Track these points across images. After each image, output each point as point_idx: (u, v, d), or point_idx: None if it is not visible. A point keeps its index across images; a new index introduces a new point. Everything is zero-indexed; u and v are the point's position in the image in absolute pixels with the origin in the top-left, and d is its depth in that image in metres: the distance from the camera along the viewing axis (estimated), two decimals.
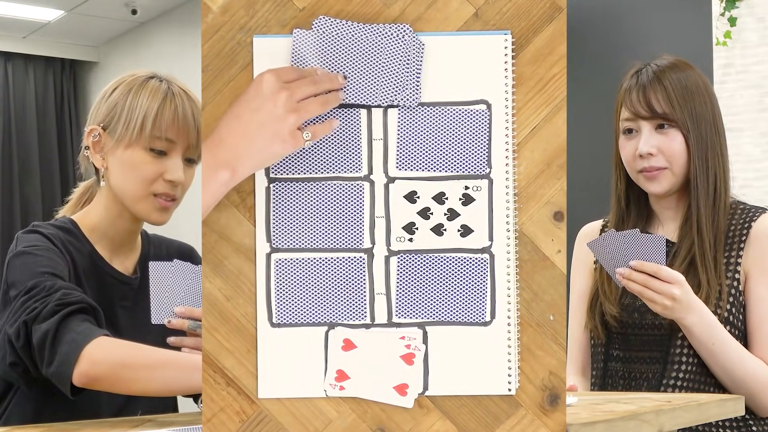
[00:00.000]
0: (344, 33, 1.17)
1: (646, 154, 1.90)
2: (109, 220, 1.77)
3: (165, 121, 1.70)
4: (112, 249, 1.79)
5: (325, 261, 1.17)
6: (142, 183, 1.71)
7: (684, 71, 1.93)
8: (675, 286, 1.73)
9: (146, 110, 1.70)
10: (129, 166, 1.71)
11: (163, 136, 1.70)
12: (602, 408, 1.43)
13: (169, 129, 1.70)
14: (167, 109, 1.70)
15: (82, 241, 1.75)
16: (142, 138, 1.70)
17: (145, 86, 1.73)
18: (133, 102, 1.72)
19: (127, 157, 1.71)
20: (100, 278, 1.75)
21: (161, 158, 1.71)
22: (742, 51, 4.01)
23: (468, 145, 1.17)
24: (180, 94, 1.74)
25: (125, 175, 1.72)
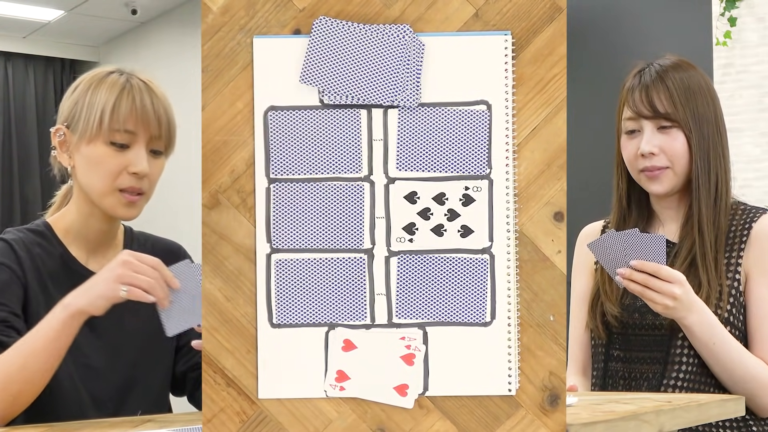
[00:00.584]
0: (344, 34, 1.17)
1: (648, 154, 1.90)
2: (82, 220, 1.77)
3: (123, 113, 1.70)
4: (88, 249, 1.78)
5: (325, 261, 1.17)
6: (106, 178, 1.71)
7: (687, 71, 1.93)
8: (676, 286, 1.73)
9: (104, 104, 1.70)
10: (92, 161, 1.71)
11: (122, 128, 1.70)
12: (602, 408, 1.43)
13: (128, 120, 1.70)
14: (124, 101, 1.70)
15: (53, 243, 1.75)
16: (102, 132, 1.70)
17: (104, 81, 1.74)
18: (92, 98, 1.72)
19: (89, 153, 1.72)
20: (73, 280, 1.70)
21: (124, 151, 1.71)
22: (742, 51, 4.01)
23: (468, 145, 1.17)
24: (139, 86, 1.73)
25: (89, 171, 1.72)
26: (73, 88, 1.78)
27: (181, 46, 6.80)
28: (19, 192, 7.56)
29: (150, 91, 1.74)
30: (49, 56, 7.77)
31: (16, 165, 7.55)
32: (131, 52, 7.40)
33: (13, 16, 6.98)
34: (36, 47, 7.65)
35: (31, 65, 7.74)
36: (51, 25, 7.21)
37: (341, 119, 1.17)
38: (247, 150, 1.17)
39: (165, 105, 1.76)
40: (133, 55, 7.35)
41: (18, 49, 7.60)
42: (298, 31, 1.17)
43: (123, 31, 7.43)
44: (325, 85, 1.17)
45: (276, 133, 1.17)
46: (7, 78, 7.61)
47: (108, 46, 7.72)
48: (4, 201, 7.49)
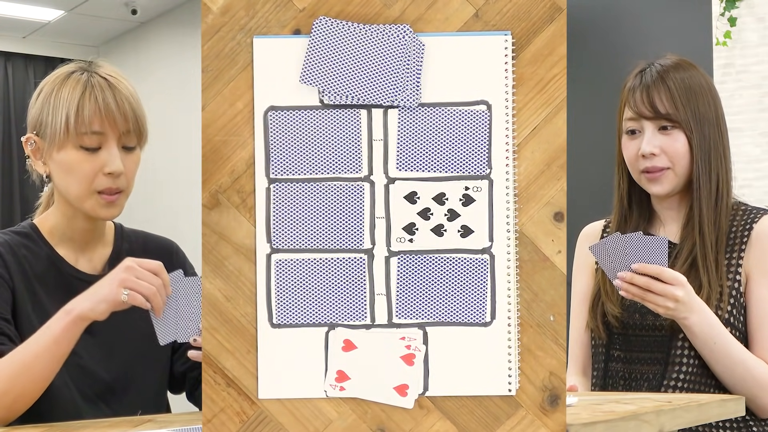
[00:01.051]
0: (344, 34, 1.17)
1: (648, 154, 1.90)
2: (65, 221, 1.75)
3: (87, 116, 1.67)
4: (75, 249, 1.77)
5: (325, 261, 1.17)
6: (81, 182, 1.68)
7: (688, 71, 1.93)
8: (678, 288, 1.72)
9: (67, 108, 1.67)
10: (66, 167, 1.69)
11: (89, 131, 1.67)
12: (602, 408, 1.43)
13: (93, 122, 1.67)
14: (87, 103, 1.67)
15: (39, 244, 1.73)
16: (70, 137, 1.67)
17: (66, 83, 1.70)
18: (55, 102, 1.69)
19: (61, 159, 1.69)
20: (61, 280, 1.73)
21: (95, 153, 1.68)
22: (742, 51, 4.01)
23: (468, 145, 1.17)
24: (100, 84, 1.69)
25: (65, 177, 1.70)
26: (37, 93, 1.75)
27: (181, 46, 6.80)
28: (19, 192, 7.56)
29: (112, 87, 1.70)
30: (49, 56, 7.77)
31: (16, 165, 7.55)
32: (131, 52, 7.40)
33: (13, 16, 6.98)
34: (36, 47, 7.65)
35: (31, 65, 7.74)
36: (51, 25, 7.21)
37: (341, 119, 1.17)
38: (247, 150, 1.17)
39: (129, 99, 1.72)
40: (133, 55, 7.35)
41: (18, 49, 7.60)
42: (298, 31, 1.17)
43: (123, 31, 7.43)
44: (325, 85, 1.17)
45: (276, 133, 1.17)
46: (7, 78, 7.61)
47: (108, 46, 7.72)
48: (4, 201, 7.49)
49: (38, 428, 1.44)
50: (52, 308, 1.69)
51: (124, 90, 1.71)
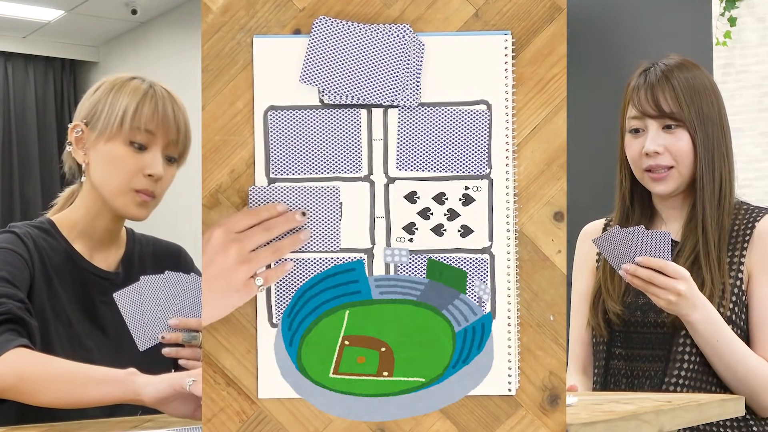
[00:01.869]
0: (344, 33, 1.17)
1: (652, 153, 1.90)
2: (89, 217, 1.79)
3: (145, 115, 1.73)
4: (92, 246, 1.81)
5: (325, 261, 1.17)
6: (122, 177, 1.73)
7: (691, 71, 1.93)
8: (680, 282, 1.73)
9: (126, 104, 1.74)
10: (109, 159, 1.74)
11: (143, 128, 1.73)
12: (602, 408, 1.43)
13: (149, 122, 1.74)
14: (147, 104, 1.75)
15: (57, 239, 1.77)
16: (122, 131, 1.73)
17: (127, 85, 1.78)
18: (114, 98, 1.76)
19: (107, 151, 1.74)
20: (78, 275, 1.77)
21: (141, 153, 1.74)
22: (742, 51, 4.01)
23: (468, 145, 1.17)
24: (162, 93, 1.78)
25: (106, 169, 1.75)
26: (94, 89, 1.81)
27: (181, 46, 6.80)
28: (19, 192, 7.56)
29: (172, 99, 1.79)
30: (49, 56, 7.77)
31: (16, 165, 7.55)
32: (131, 52, 7.40)
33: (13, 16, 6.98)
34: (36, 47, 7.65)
35: (31, 65, 7.74)
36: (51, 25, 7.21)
37: (341, 119, 1.17)
38: (247, 150, 1.17)
39: (184, 115, 1.81)
40: (133, 55, 7.35)
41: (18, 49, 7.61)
42: (298, 30, 1.17)
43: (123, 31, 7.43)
44: (325, 85, 1.17)
45: (276, 133, 1.17)
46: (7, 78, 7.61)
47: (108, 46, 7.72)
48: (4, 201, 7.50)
49: (38, 428, 1.44)
50: (67, 301, 1.73)
51: (181, 106, 1.81)
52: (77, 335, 1.73)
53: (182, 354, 1.62)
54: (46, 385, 1.50)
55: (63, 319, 1.72)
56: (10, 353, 1.51)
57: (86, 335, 1.74)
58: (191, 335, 1.60)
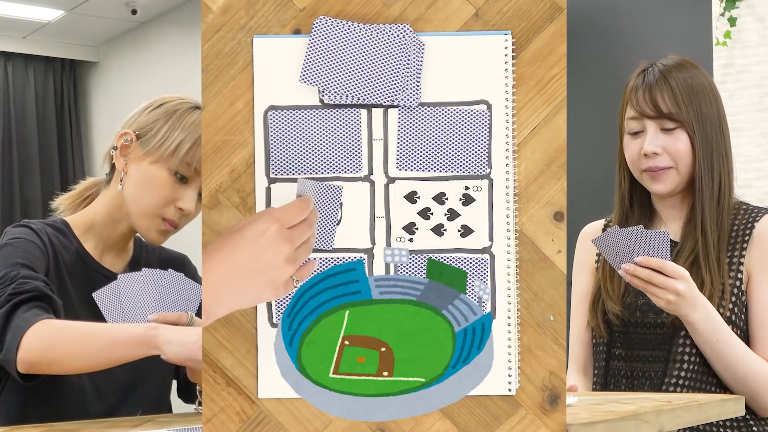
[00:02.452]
0: (344, 33, 1.17)
1: (651, 154, 1.90)
2: (107, 221, 1.81)
3: (198, 155, 1.74)
4: (103, 248, 1.83)
5: (325, 261, 1.17)
6: (155, 201, 1.75)
7: (690, 71, 1.93)
8: (679, 282, 1.73)
9: (184, 138, 1.74)
10: (149, 180, 1.76)
11: (193, 166, 1.74)
12: (602, 408, 1.43)
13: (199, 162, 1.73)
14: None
15: (70, 239, 1.79)
16: (173, 160, 1.74)
17: (190, 116, 1.77)
18: (173, 126, 1.76)
19: (150, 172, 1.76)
20: (87, 275, 1.78)
21: (181, 185, 1.75)
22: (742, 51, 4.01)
23: (468, 145, 1.17)
24: None
25: (142, 187, 1.76)
26: (156, 105, 1.81)
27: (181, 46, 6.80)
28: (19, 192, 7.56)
29: None
30: (49, 56, 7.76)
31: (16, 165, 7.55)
32: (131, 52, 7.40)
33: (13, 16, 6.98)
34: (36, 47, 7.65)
35: (31, 65, 7.74)
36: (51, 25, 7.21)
37: (341, 119, 1.17)
38: (247, 150, 1.17)
39: None
40: (133, 55, 7.36)
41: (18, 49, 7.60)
42: (298, 30, 1.17)
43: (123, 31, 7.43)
44: (325, 85, 1.17)
45: (276, 133, 1.17)
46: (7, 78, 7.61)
47: (108, 46, 7.71)
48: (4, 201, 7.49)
49: (38, 428, 1.45)
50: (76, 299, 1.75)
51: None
52: None
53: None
54: (74, 351, 1.52)
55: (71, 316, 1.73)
56: (37, 326, 1.53)
57: None
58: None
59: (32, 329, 1.53)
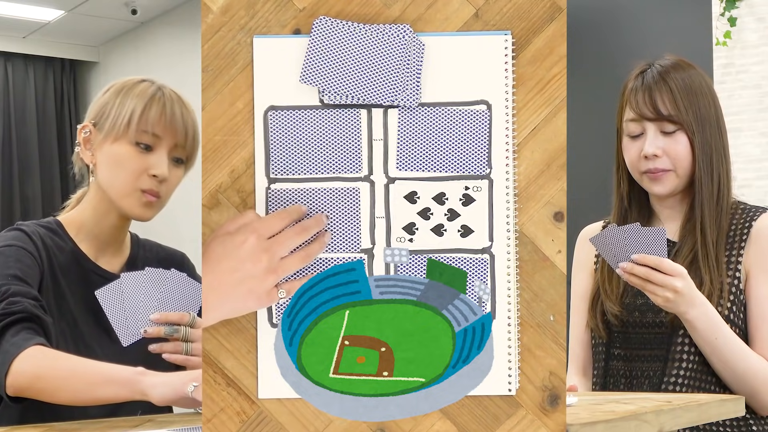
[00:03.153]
0: (344, 34, 1.17)
1: (651, 156, 1.90)
2: (96, 218, 1.81)
3: (152, 117, 1.75)
4: (98, 247, 1.82)
5: (325, 262, 1.17)
6: (127, 177, 1.75)
7: (687, 71, 1.93)
8: (677, 279, 1.73)
9: (134, 106, 1.76)
10: (115, 160, 1.76)
11: (150, 131, 1.75)
12: (602, 408, 1.43)
13: (156, 125, 1.75)
14: (155, 107, 1.76)
15: (64, 239, 1.79)
16: (129, 132, 1.74)
17: (136, 87, 1.79)
18: (123, 100, 1.77)
19: (113, 152, 1.76)
20: (83, 275, 1.78)
21: (147, 153, 1.76)
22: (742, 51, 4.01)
23: (468, 145, 1.17)
24: (170, 95, 1.80)
25: (112, 169, 1.76)
26: (104, 91, 1.83)
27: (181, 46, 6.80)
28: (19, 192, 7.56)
29: (181, 102, 1.81)
30: (48, 56, 7.77)
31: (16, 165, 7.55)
32: (131, 52, 7.40)
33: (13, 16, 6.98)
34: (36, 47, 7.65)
35: (30, 65, 7.74)
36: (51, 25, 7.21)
37: (341, 119, 1.17)
38: (247, 150, 1.17)
39: (193, 118, 1.82)
40: (133, 55, 7.36)
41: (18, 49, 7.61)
42: (298, 30, 1.17)
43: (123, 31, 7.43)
44: (325, 85, 1.17)
45: (276, 133, 1.17)
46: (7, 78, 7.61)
47: (108, 46, 7.72)
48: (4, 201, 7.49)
49: (38, 428, 1.45)
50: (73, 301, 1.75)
51: (190, 109, 1.82)
52: (82, 335, 1.74)
53: (166, 348, 1.64)
54: (61, 384, 1.51)
55: (68, 319, 1.73)
56: (28, 352, 1.53)
57: (90, 336, 1.75)
58: (173, 328, 1.63)
59: (22, 356, 1.52)
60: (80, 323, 1.74)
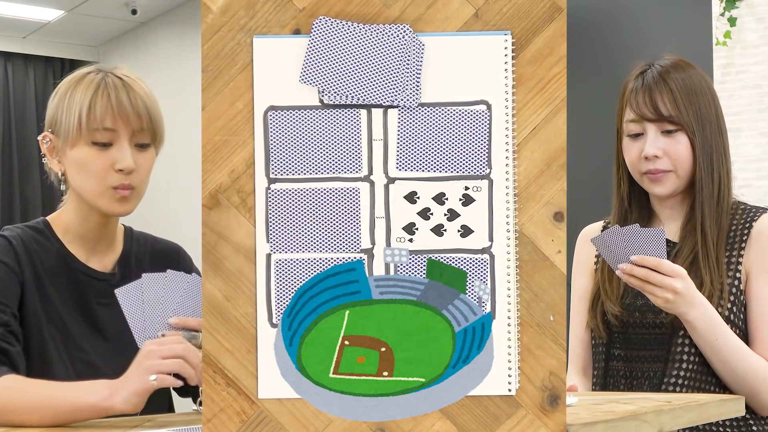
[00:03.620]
0: (344, 34, 1.17)
1: (651, 156, 1.90)
2: (79, 219, 1.77)
3: (99, 112, 1.69)
4: (87, 247, 1.79)
5: (325, 261, 1.17)
6: (95, 178, 1.71)
7: (687, 71, 1.93)
8: (677, 280, 1.73)
9: (79, 107, 1.70)
10: (79, 164, 1.72)
11: (101, 127, 1.70)
12: (602, 408, 1.43)
13: (105, 118, 1.70)
14: (99, 101, 1.70)
15: (51, 241, 1.75)
16: (82, 134, 1.70)
17: (81, 82, 1.74)
18: (69, 101, 1.72)
19: (75, 156, 1.72)
20: (71, 277, 1.75)
21: (107, 150, 1.71)
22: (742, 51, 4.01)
23: (468, 145, 1.17)
24: (114, 83, 1.72)
25: (79, 174, 1.72)
26: (55, 93, 1.78)
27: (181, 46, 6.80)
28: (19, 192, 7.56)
29: (126, 86, 1.73)
30: (48, 56, 7.77)
31: (16, 165, 7.55)
32: (131, 52, 7.40)
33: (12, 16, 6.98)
34: (36, 47, 7.65)
35: (30, 65, 7.74)
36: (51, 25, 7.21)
37: (341, 119, 1.17)
38: (247, 150, 1.17)
39: (144, 98, 1.74)
40: (133, 55, 7.36)
41: (18, 49, 7.61)
42: (298, 31, 1.17)
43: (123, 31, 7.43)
44: (325, 85, 1.17)
45: (276, 133, 1.17)
46: (7, 78, 7.61)
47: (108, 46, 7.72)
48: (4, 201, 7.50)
49: (38, 428, 1.45)
50: (61, 305, 1.72)
51: (138, 90, 1.74)
52: (73, 337, 1.72)
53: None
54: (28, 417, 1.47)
55: (57, 323, 1.70)
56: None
57: (82, 337, 1.73)
58: (191, 334, 1.59)
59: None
60: (70, 326, 1.72)
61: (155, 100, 1.78)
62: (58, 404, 1.47)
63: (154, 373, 1.44)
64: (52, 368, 1.65)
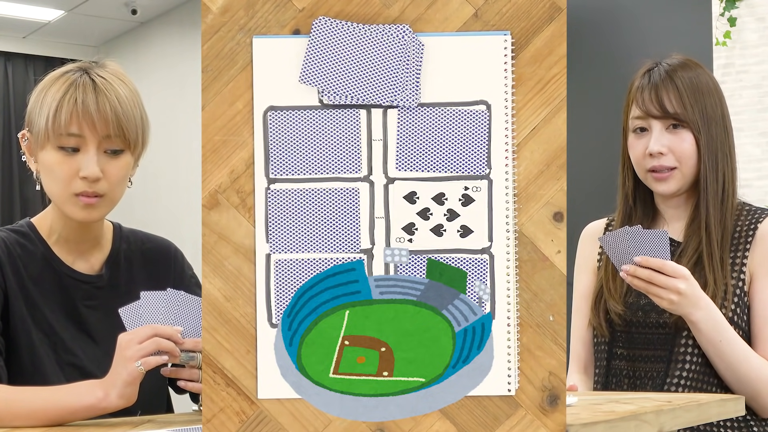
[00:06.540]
0: (344, 34, 1.17)
1: (656, 153, 1.90)
2: (60, 222, 1.71)
3: (64, 117, 1.61)
4: (71, 249, 1.73)
5: (324, 262, 1.17)
6: (60, 184, 1.64)
7: (694, 70, 1.94)
8: (680, 281, 1.73)
9: (48, 109, 1.63)
10: (47, 167, 1.65)
11: (65, 132, 1.62)
12: (602, 408, 1.43)
13: (71, 123, 1.62)
14: (65, 105, 1.62)
15: (36, 244, 1.71)
16: (50, 137, 1.63)
17: (56, 82, 1.66)
18: (42, 101, 1.65)
19: (44, 159, 1.65)
20: (57, 281, 1.70)
21: (74, 155, 1.63)
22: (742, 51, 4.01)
23: (467, 145, 1.17)
24: (85, 85, 1.63)
25: (47, 177, 1.66)
26: (35, 91, 1.71)
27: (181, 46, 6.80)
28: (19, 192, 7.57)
29: (97, 89, 1.64)
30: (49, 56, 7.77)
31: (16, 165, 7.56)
32: (131, 52, 7.41)
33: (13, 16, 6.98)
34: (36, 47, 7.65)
35: (31, 65, 7.74)
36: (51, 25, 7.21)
37: (341, 119, 1.17)
38: (247, 150, 1.17)
39: (114, 102, 1.64)
40: (133, 55, 7.36)
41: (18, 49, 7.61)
42: (298, 31, 1.18)
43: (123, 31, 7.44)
44: (324, 85, 1.17)
45: (275, 134, 1.17)
46: (7, 78, 7.62)
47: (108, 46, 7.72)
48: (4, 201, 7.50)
49: (38, 429, 1.45)
50: (48, 309, 1.68)
51: (111, 93, 1.65)
52: (62, 341, 1.68)
53: (182, 375, 1.57)
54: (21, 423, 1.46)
55: (44, 327, 1.66)
56: None
57: (71, 340, 1.69)
58: (189, 355, 1.53)
59: None
60: (58, 330, 1.68)
61: (134, 104, 1.68)
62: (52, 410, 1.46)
63: (137, 359, 1.44)
64: (45, 372, 1.64)
